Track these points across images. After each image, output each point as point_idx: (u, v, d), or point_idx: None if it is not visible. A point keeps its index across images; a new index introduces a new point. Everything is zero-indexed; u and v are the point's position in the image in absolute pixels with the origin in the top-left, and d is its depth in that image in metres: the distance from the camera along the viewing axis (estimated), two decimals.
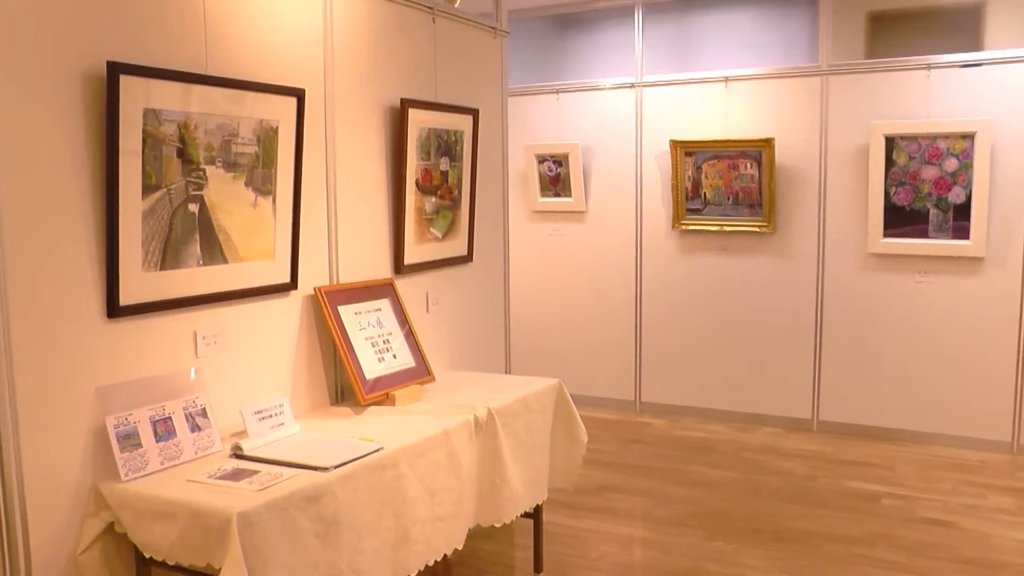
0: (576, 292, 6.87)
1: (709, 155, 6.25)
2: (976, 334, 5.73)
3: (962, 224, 5.61)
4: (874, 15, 6.08)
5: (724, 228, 6.30)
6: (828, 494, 5.01)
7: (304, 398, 3.47)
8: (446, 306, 4.36)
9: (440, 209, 4.22)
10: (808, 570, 4.04)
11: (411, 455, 3.05)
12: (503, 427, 3.56)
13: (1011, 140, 5.52)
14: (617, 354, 6.79)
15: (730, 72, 6.24)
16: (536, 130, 6.79)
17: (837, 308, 6.10)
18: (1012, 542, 4.35)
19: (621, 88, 6.58)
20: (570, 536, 4.41)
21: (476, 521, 3.50)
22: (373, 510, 2.86)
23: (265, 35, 3.21)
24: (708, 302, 6.47)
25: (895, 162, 5.72)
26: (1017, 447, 5.69)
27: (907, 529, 4.51)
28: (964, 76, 5.62)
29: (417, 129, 3.98)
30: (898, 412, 5.97)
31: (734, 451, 5.79)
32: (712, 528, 4.51)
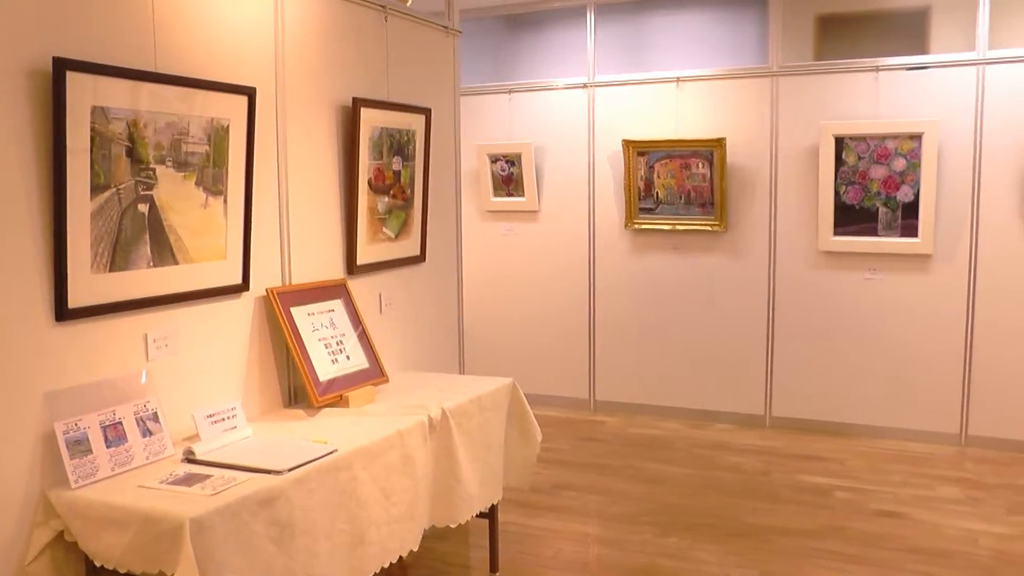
0: (529, 291, 6.88)
1: (661, 155, 6.30)
2: (925, 329, 5.85)
3: (910, 222, 5.72)
4: (823, 18, 6.17)
5: (676, 227, 6.35)
6: (781, 488, 5.07)
7: (257, 400, 3.44)
8: (399, 306, 4.35)
9: (393, 209, 4.20)
10: (762, 564, 4.08)
11: (365, 457, 3.03)
12: (457, 427, 3.55)
13: (957, 141, 5.64)
14: (571, 353, 6.82)
15: (682, 73, 6.29)
16: (489, 130, 6.79)
17: (788, 305, 6.18)
18: (961, 531, 4.45)
19: (573, 88, 6.60)
20: (525, 535, 4.41)
21: (431, 522, 3.49)
22: (327, 513, 2.83)
23: (215, 33, 3.18)
24: (661, 300, 6.52)
25: (845, 162, 5.81)
26: (965, 439, 5.81)
27: (859, 521, 4.58)
28: (911, 78, 5.73)
29: (369, 128, 3.96)
30: (849, 407, 6.07)
31: (688, 447, 5.84)
32: (666, 524, 4.54)
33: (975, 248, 5.68)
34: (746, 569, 4.03)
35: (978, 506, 4.80)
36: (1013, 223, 5.58)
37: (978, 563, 4.09)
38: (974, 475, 5.28)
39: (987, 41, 5.56)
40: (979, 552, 4.20)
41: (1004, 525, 4.53)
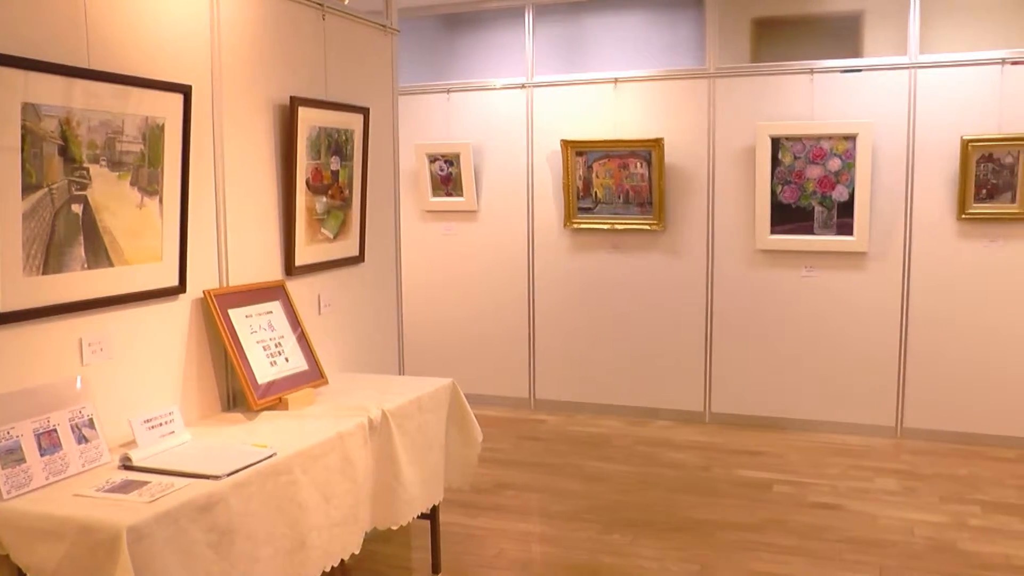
0: (469, 291, 6.88)
1: (599, 155, 6.33)
2: (861, 325, 5.98)
3: (846, 221, 5.84)
4: (758, 21, 6.27)
5: (615, 226, 6.40)
6: (721, 483, 5.14)
7: (195, 405, 3.38)
8: (338, 307, 4.31)
9: (331, 209, 4.16)
10: (703, 558, 4.13)
11: (305, 460, 3.00)
12: (397, 429, 3.54)
13: (890, 141, 5.78)
14: (510, 352, 6.83)
15: (620, 74, 6.33)
16: (427, 129, 6.76)
17: (727, 303, 6.27)
18: (897, 521, 4.56)
19: (512, 88, 6.61)
20: (467, 535, 4.41)
21: (373, 524, 3.47)
22: (267, 518, 2.80)
23: (149, 29, 3.11)
24: (600, 299, 6.56)
25: (781, 162, 5.91)
26: (901, 431, 5.97)
27: (798, 514, 4.67)
28: (845, 81, 5.86)
29: (307, 128, 3.91)
30: (787, 402, 6.19)
31: (628, 445, 5.89)
32: (608, 521, 4.57)
33: (909, 245, 5.83)
34: (687, 564, 4.07)
35: (914, 496, 4.92)
36: (945, 221, 5.74)
37: (913, 551, 4.19)
38: (910, 466, 5.42)
39: (918, 46, 5.71)
40: (915, 541, 4.31)
41: (939, 514, 4.66)
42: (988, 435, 5.78)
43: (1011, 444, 5.73)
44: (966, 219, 5.67)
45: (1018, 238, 5.62)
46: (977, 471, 5.32)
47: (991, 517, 4.61)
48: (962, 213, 5.65)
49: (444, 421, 3.96)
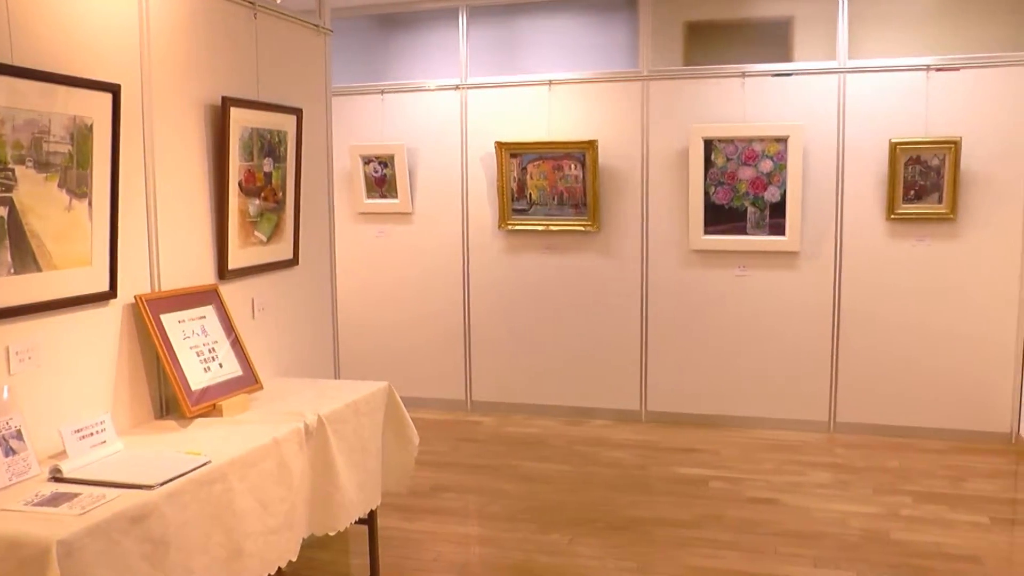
0: (404, 294, 6.84)
1: (534, 156, 6.35)
2: (793, 323, 6.11)
3: (778, 221, 5.95)
4: (691, 24, 6.34)
5: (550, 228, 6.41)
6: (658, 481, 5.19)
7: (127, 413, 3.30)
8: (272, 311, 4.25)
9: (264, 211, 4.10)
10: (641, 555, 4.17)
11: (240, 467, 2.95)
12: (334, 433, 3.50)
13: (820, 144, 5.92)
14: (446, 354, 6.81)
15: (554, 76, 6.36)
16: (361, 130, 6.70)
17: (661, 303, 6.33)
18: (831, 514, 4.66)
19: (446, 89, 6.59)
20: (405, 539, 4.38)
21: (310, 531, 3.43)
22: (202, 527, 2.75)
23: (76, 26, 3.03)
24: (535, 300, 6.58)
25: (714, 163, 5.99)
26: (834, 426, 6.12)
27: (734, 509, 4.74)
28: (777, 84, 5.97)
29: (239, 129, 3.85)
30: (723, 399, 6.28)
31: (565, 444, 5.91)
32: (546, 521, 4.58)
33: (840, 245, 5.96)
34: (625, 561, 4.10)
35: (847, 489, 5.04)
36: (874, 221, 5.90)
37: (847, 543, 4.29)
38: (843, 460, 5.55)
39: (847, 51, 5.84)
40: (848, 532, 4.41)
41: (872, 505, 4.78)
42: (918, 428, 5.95)
43: (941, 436, 5.91)
44: (895, 219, 5.82)
45: (945, 237, 5.79)
46: (908, 463, 5.47)
47: (922, 507, 4.74)
48: (891, 213, 5.80)
49: (380, 425, 3.93)
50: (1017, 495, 5.03)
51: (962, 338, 5.85)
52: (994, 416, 5.86)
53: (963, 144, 5.62)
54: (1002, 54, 5.66)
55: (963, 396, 5.89)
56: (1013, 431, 5.84)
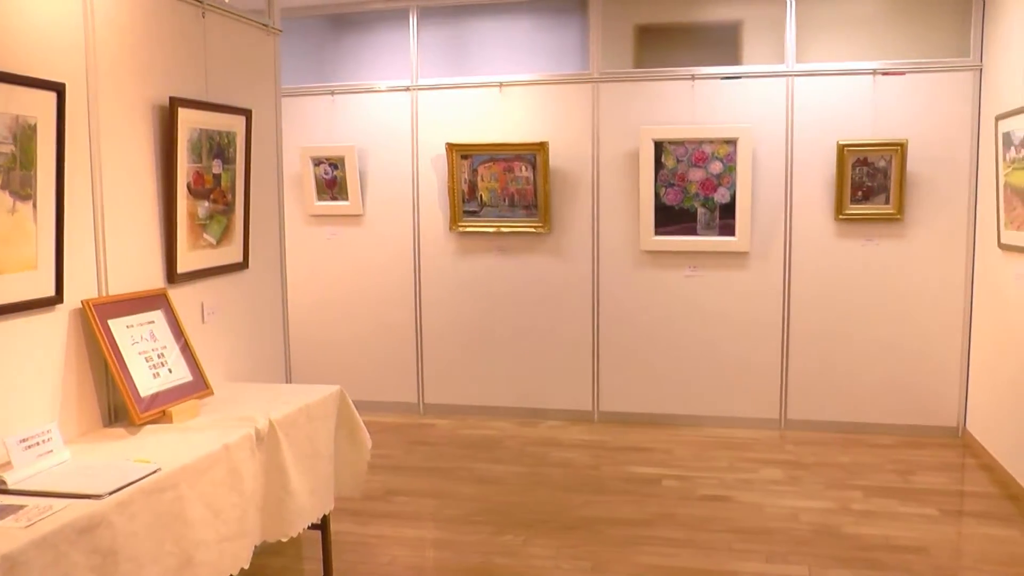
0: (356, 296, 6.79)
1: (485, 158, 6.34)
2: (744, 322, 6.18)
3: (728, 222, 6.01)
4: (641, 27, 6.38)
5: (501, 229, 6.41)
6: (611, 481, 5.21)
7: (74, 421, 3.22)
8: (222, 315, 4.19)
9: (214, 214, 4.04)
10: (595, 555, 4.18)
11: (191, 474, 2.91)
12: (285, 438, 3.47)
13: (769, 146, 6.00)
14: (398, 357, 6.77)
15: (505, 77, 6.36)
16: (311, 132, 6.64)
17: (613, 303, 6.36)
18: (783, 509, 4.73)
19: (397, 91, 6.55)
20: (359, 544, 4.35)
21: (263, 537, 3.38)
22: (153, 536, 2.69)
23: (18, 24, 2.95)
24: (487, 302, 6.57)
25: (664, 165, 6.04)
26: (785, 423, 6.20)
27: (687, 507, 4.78)
28: (726, 87, 6.03)
29: (188, 130, 3.79)
30: (675, 398, 6.32)
31: (518, 446, 5.91)
32: (500, 523, 4.58)
33: (789, 245, 6.04)
34: (579, 561, 4.11)
35: (798, 484, 5.11)
36: (823, 222, 5.99)
37: (799, 537, 4.35)
38: (794, 456, 5.63)
39: (795, 55, 5.93)
40: (800, 527, 4.47)
41: (823, 500, 4.85)
42: (868, 424, 6.06)
43: (890, 431, 6.02)
44: (843, 219, 5.92)
45: (892, 237, 5.90)
46: (858, 458, 5.56)
47: (872, 501, 4.83)
48: (839, 214, 5.90)
49: (333, 429, 3.91)
50: (964, 487, 5.13)
51: (910, 335, 5.97)
52: (941, 411, 5.99)
53: (909, 146, 5.75)
54: (946, 60, 5.79)
55: (911, 392, 6.01)
56: (960, 425, 5.98)
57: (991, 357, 5.50)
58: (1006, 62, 5.27)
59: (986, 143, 5.56)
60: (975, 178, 5.77)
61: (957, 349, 5.93)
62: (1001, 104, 5.24)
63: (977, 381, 5.79)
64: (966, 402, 5.94)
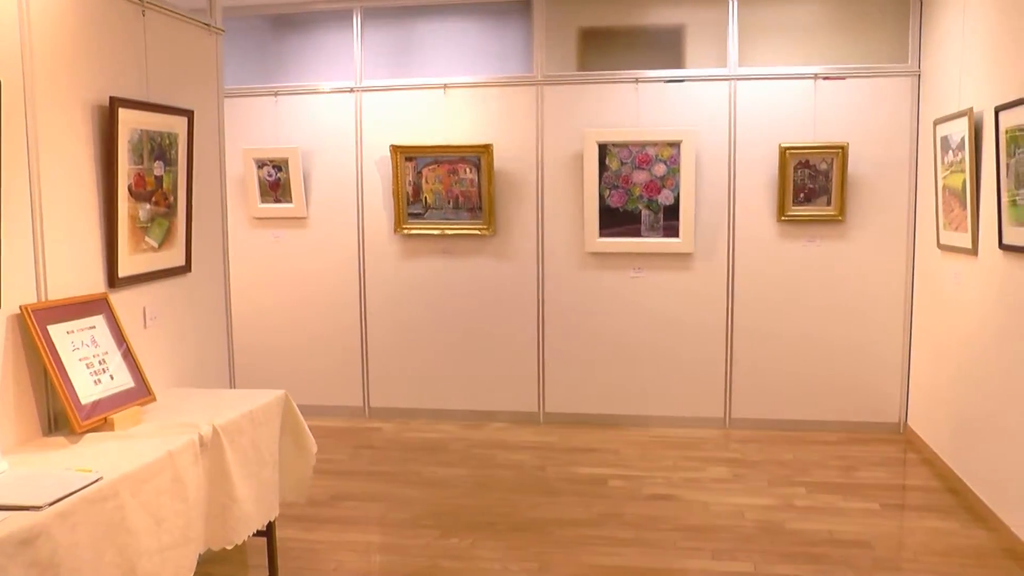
0: (300, 300, 6.72)
1: (429, 160, 6.32)
2: (689, 322, 6.25)
3: (672, 223, 6.08)
4: (585, 31, 6.41)
5: (445, 232, 6.40)
6: (558, 482, 5.23)
7: (12, 430, 3.14)
8: (165, 320, 4.12)
9: (155, 217, 3.97)
10: (542, 556, 4.19)
11: (133, 482, 2.86)
12: (229, 444, 3.43)
13: (712, 148, 6.07)
14: (344, 361, 6.72)
15: (449, 79, 6.34)
16: (255, 133, 6.56)
17: (558, 305, 6.38)
18: (728, 507, 4.79)
19: (340, 92, 6.50)
20: (305, 550, 4.30)
21: (207, 545, 3.34)
22: (94, 547, 2.64)
23: None
24: (433, 304, 6.55)
25: (608, 167, 6.08)
26: (730, 422, 6.29)
27: (634, 506, 4.81)
28: (669, 90, 6.08)
29: (128, 130, 3.72)
30: (620, 399, 6.37)
31: (464, 448, 5.90)
32: (447, 526, 4.57)
33: (732, 246, 6.12)
34: (527, 562, 4.12)
35: (743, 482, 5.18)
36: (766, 223, 6.09)
37: (744, 534, 4.41)
38: (739, 454, 5.71)
39: (737, 59, 6.00)
40: (745, 524, 4.54)
41: (767, 497, 4.93)
42: (811, 421, 6.18)
43: (833, 428, 6.14)
44: (786, 221, 6.02)
45: (834, 238, 6.01)
46: (802, 455, 5.65)
47: (816, 497, 4.91)
48: (782, 215, 5.99)
49: (277, 434, 3.88)
50: (906, 481, 5.25)
51: (852, 334, 6.10)
52: (883, 407, 6.13)
53: (850, 149, 5.87)
54: (885, 65, 5.92)
55: (853, 389, 6.13)
56: (901, 421, 6.12)
57: (931, 354, 5.63)
58: (942, 68, 5.39)
59: (925, 146, 5.70)
60: (914, 180, 5.91)
61: (898, 347, 6.06)
62: (938, 109, 5.37)
63: (918, 378, 5.92)
64: (907, 398, 6.08)
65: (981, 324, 4.71)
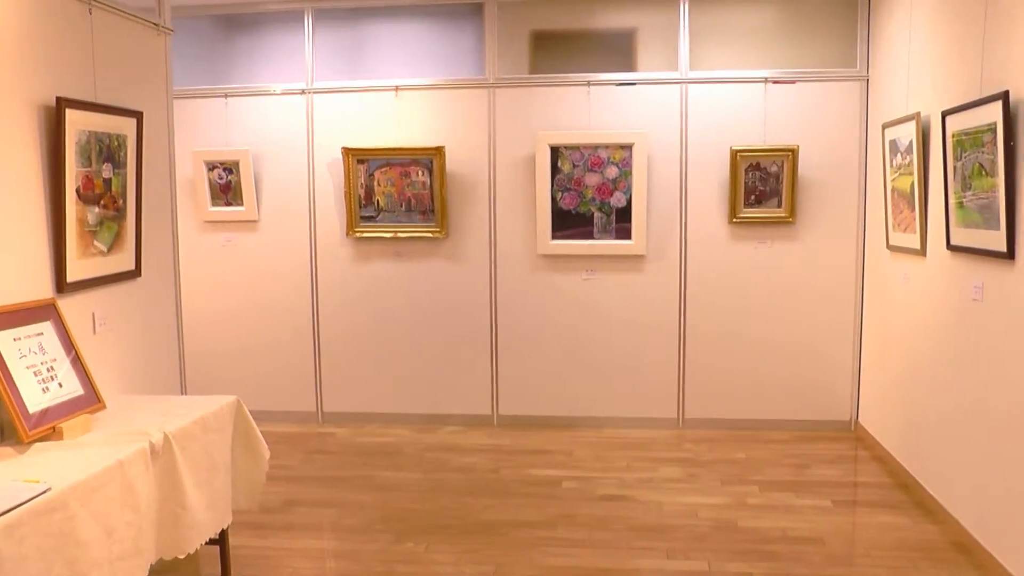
0: (252, 304, 6.64)
1: (381, 163, 6.29)
2: (641, 324, 6.29)
3: (624, 226, 6.11)
4: (537, 33, 6.42)
5: (398, 235, 6.37)
6: (511, 484, 5.24)
7: None
8: (115, 326, 4.05)
9: (104, 220, 3.90)
10: (496, 558, 4.19)
11: (83, 492, 2.80)
12: (181, 451, 3.40)
13: (664, 151, 6.12)
14: (296, 365, 6.65)
15: (401, 81, 6.31)
16: (205, 135, 6.47)
17: (511, 307, 6.38)
18: (681, 506, 4.83)
19: (292, 94, 6.44)
20: (259, 557, 4.25)
21: (158, 555, 3.30)
22: (42, 560, 2.58)
23: None
24: (385, 308, 6.51)
25: (560, 169, 6.10)
26: (683, 422, 6.34)
27: (587, 507, 4.83)
28: (621, 93, 6.13)
29: (76, 132, 3.66)
30: (573, 400, 6.39)
31: (418, 452, 5.88)
32: (401, 530, 4.55)
33: (684, 248, 6.18)
34: (481, 565, 4.12)
35: (696, 482, 5.23)
36: (718, 225, 6.16)
37: (698, 533, 4.45)
38: (692, 454, 5.76)
39: (688, 63, 6.05)
40: (698, 523, 4.58)
41: (720, 496, 4.97)
42: (764, 420, 6.26)
43: (784, 427, 6.23)
44: (737, 223, 6.08)
45: (785, 239, 6.10)
46: (754, 454, 5.72)
47: (768, 495, 4.98)
48: (733, 217, 6.05)
49: (230, 441, 3.85)
50: (857, 478, 5.34)
51: (803, 334, 6.18)
52: (834, 406, 6.22)
53: (800, 152, 5.96)
54: (834, 70, 6.02)
55: (805, 388, 6.22)
56: (852, 419, 6.22)
57: (881, 353, 5.73)
58: (890, 73, 5.49)
59: (874, 149, 5.79)
60: (864, 183, 6.01)
61: (849, 346, 6.16)
62: (887, 113, 5.46)
63: (868, 376, 6.02)
64: (858, 397, 6.18)
65: (930, 323, 4.80)
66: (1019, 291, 3.75)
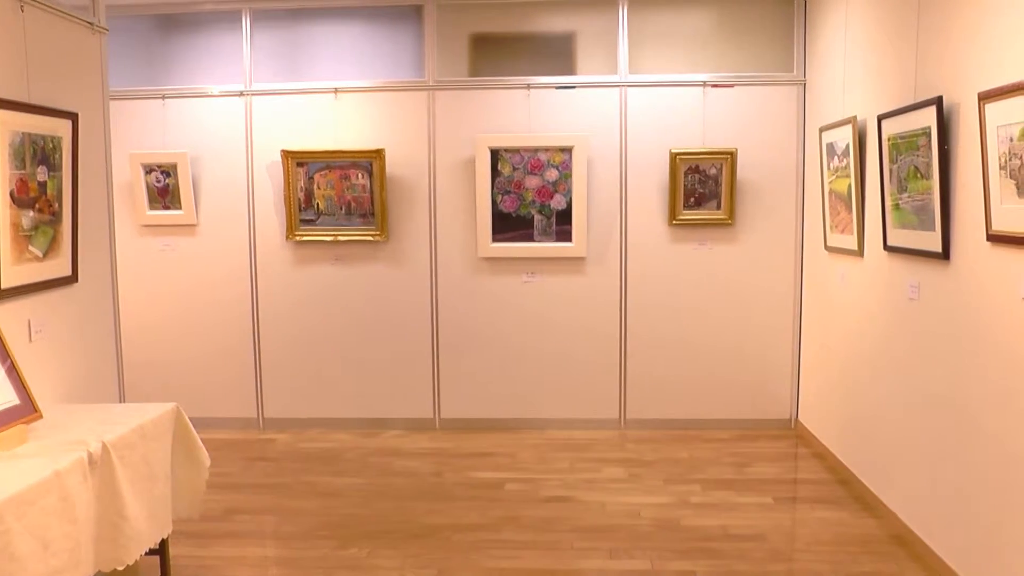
0: (191, 309, 6.54)
1: (321, 165, 6.25)
2: (582, 326, 6.34)
3: (564, 228, 6.15)
4: (476, 36, 6.43)
5: (338, 238, 6.33)
6: (454, 487, 5.24)
7: None
8: (51, 333, 3.96)
9: (39, 224, 3.81)
10: (440, 562, 4.19)
11: (18, 506, 2.73)
12: (120, 461, 3.33)
13: (604, 154, 6.18)
14: (236, 371, 6.57)
15: (340, 83, 6.28)
16: (142, 137, 6.35)
17: (452, 310, 6.38)
18: (624, 506, 4.87)
19: (230, 96, 6.36)
20: (200, 567, 4.19)
21: (97, 567, 3.24)
22: None
23: None
24: (326, 312, 6.46)
25: (500, 172, 6.11)
26: (625, 422, 6.39)
27: (530, 509, 4.85)
28: (561, 96, 6.17)
29: (9, 133, 3.57)
30: (516, 403, 6.41)
31: (360, 457, 5.85)
32: (344, 536, 4.52)
33: (625, 250, 6.23)
34: (425, 569, 4.11)
35: (639, 482, 5.28)
36: (658, 227, 6.23)
37: (641, 532, 4.50)
38: (634, 454, 5.81)
39: (627, 66, 6.11)
40: (641, 523, 4.62)
41: (663, 495, 5.03)
42: (705, 420, 6.34)
43: (725, 426, 6.31)
44: (677, 224, 6.15)
45: (724, 241, 6.19)
46: (696, 453, 5.80)
47: (710, 494, 5.05)
48: (673, 219, 6.13)
49: (169, 449, 3.79)
50: (797, 475, 5.44)
51: (743, 333, 6.28)
52: (774, 404, 6.33)
53: (738, 155, 6.05)
54: (772, 74, 6.13)
55: (745, 387, 6.32)
56: (792, 417, 6.34)
57: (820, 352, 5.85)
58: (826, 77, 5.60)
59: (811, 152, 5.91)
60: (802, 185, 6.12)
61: (788, 345, 6.27)
62: (824, 116, 5.57)
63: (808, 375, 6.14)
64: (798, 395, 6.30)
65: (867, 322, 4.91)
66: (954, 290, 3.85)
